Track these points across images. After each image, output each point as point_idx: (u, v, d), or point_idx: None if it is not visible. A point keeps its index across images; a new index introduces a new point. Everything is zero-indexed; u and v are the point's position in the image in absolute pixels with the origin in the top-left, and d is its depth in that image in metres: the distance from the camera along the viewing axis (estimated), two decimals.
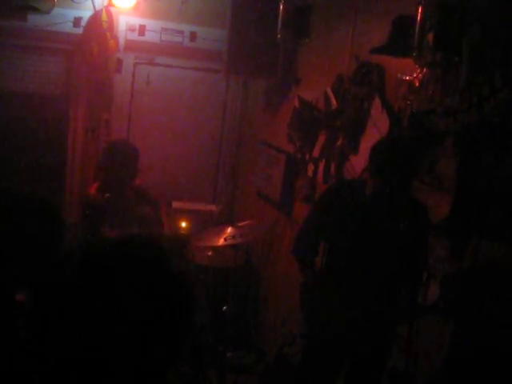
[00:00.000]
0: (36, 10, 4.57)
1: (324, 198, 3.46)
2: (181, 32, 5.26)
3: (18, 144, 5.02)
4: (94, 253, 1.45)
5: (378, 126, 3.63)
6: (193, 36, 5.27)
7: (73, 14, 4.85)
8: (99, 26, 4.81)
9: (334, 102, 4.15)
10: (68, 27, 4.86)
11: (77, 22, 4.87)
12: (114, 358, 1.32)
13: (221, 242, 4.01)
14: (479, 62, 2.79)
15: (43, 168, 5.13)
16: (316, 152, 4.39)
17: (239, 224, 4.10)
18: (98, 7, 4.84)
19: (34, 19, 4.69)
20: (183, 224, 5.16)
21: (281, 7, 4.24)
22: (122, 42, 5.07)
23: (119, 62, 5.16)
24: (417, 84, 3.22)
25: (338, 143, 4.08)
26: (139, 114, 5.48)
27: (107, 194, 4.14)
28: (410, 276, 3.19)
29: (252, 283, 5.11)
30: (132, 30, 5.11)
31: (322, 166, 4.31)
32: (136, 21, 5.10)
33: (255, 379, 4.38)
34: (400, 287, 3.23)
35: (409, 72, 3.28)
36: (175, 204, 5.34)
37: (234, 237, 3.94)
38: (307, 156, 4.53)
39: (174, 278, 1.44)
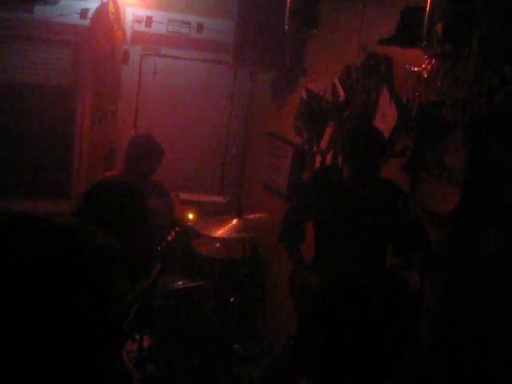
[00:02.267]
0: (44, 1, 4.55)
1: (307, 186, 3.73)
2: (188, 23, 5.24)
3: (25, 135, 5.03)
4: None
5: (386, 118, 3.61)
6: (200, 27, 5.25)
7: (80, 5, 4.84)
8: (106, 18, 4.80)
9: (341, 93, 4.13)
10: (75, 19, 4.84)
11: (83, 13, 4.85)
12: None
13: (228, 234, 4.01)
14: (488, 52, 2.76)
15: (50, 159, 5.14)
16: (324, 143, 4.37)
17: (247, 216, 4.10)
18: None
19: (40, 10, 4.67)
20: (190, 215, 5.16)
21: None
22: (128, 33, 5.06)
23: (126, 53, 5.14)
24: (425, 75, 3.20)
25: None
26: (146, 105, 5.47)
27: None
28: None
29: (259, 275, 5.11)
30: (139, 21, 5.10)
31: (329, 157, 4.30)
32: (143, 12, 5.09)
33: (262, 371, 4.38)
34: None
35: (417, 63, 3.26)
36: (183, 195, 5.34)
37: (241, 230, 3.95)
38: (315, 147, 4.51)
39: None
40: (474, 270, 2.92)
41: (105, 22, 4.81)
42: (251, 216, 4.15)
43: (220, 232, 4.02)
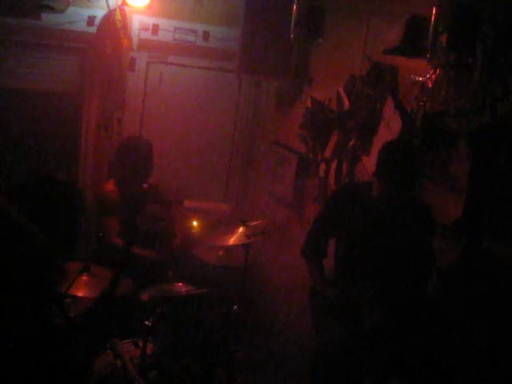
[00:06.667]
0: (51, 9, 4.59)
1: (333, 200, 3.53)
2: (194, 31, 5.27)
3: (32, 141, 5.05)
4: None
5: (390, 127, 3.62)
6: (206, 35, 5.28)
7: (87, 12, 4.87)
8: (113, 25, 4.83)
9: (346, 102, 4.15)
10: (82, 26, 4.88)
11: (91, 20, 4.89)
12: None
13: (232, 241, 4.04)
14: (492, 63, 2.78)
15: (56, 164, 5.16)
16: (328, 152, 4.39)
17: (251, 223, 4.12)
18: (111, 6, 4.85)
19: (48, 18, 4.71)
20: (195, 223, 5.17)
21: (294, 7, 4.24)
22: (135, 40, 5.09)
23: (132, 60, 5.18)
24: (430, 85, 3.21)
25: (351, 144, 4.08)
26: (151, 112, 5.50)
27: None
28: (419, 274, 3.21)
29: (262, 282, 5.11)
30: (145, 29, 5.13)
31: (333, 166, 4.31)
32: (149, 20, 5.12)
33: (265, 378, 4.38)
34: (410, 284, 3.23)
35: (422, 73, 3.28)
36: (187, 203, 5.34)
37: (246, 236, 3.98)
38: (319, 156, 4.53)
39: None
40: (477, 278, 2.93)
41: (112, 29, 4.84)
42: (254, 223, 4.18)
43: (228, 239, 4.06)
